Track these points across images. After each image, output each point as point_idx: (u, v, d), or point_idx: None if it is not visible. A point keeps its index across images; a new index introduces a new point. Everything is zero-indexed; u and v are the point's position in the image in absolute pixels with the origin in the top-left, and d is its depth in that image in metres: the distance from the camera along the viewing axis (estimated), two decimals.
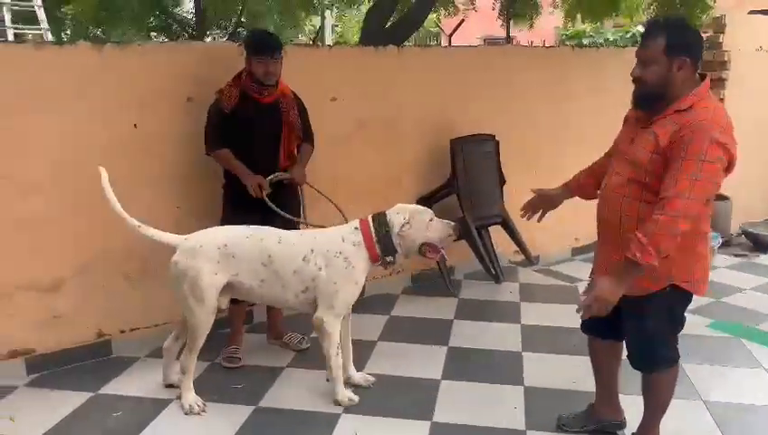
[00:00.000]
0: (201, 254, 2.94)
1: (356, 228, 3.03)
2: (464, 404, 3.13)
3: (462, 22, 9.07)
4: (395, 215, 3.01)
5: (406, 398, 3.20)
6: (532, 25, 8.00)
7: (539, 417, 3.02)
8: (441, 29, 13.51)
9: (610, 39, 13.94)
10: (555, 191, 2.89)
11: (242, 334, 3.69)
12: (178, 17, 10.22)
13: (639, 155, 2.35)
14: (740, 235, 6.09)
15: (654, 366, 2.55)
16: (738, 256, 5.71)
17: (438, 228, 3.04)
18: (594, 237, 2.68)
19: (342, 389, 3.12)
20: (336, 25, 17.66)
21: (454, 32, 9.96)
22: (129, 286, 3.68)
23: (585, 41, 13.82)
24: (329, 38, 13.11)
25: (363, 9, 8.63)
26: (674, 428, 2.95)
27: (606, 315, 2.34)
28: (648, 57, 2.31)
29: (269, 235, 3.04)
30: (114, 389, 3.30)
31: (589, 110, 5.35)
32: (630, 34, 12.87)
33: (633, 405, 2.82)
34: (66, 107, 3.36)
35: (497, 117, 4.98)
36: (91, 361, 3.56)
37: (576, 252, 5.71)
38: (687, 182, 2.17)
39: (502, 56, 5.25)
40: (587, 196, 2.81)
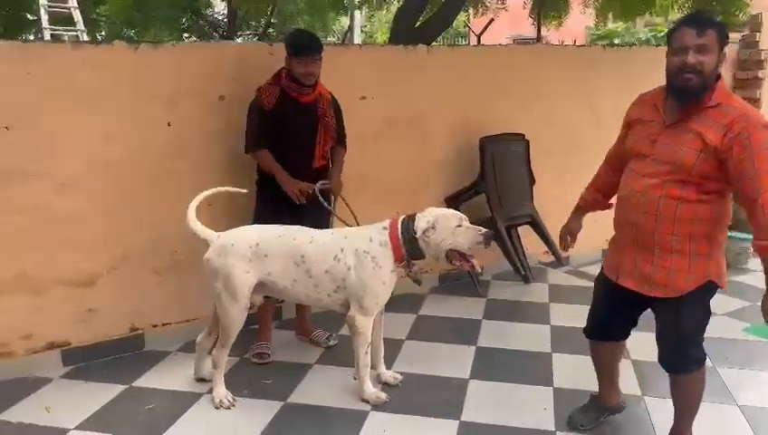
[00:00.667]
0: (233, 252, 2.98)
1: (384, 228, 3.03)
2: (492, 404, 3.12)
3: (491, 21, 9.01)
4: (421, 218, 2.97)
5: (434, 397, 3.20)
6: (561, 25, 7.93)
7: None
8: (470, 29, 13.46)
9: (642, 39, 13.74)
10: (575, 221, 2.92)
11: (271, 330, 3.73)
12: (210, 18, 10.37)
13: (683, 156, 2.28)
14: None
15: (688, 367, 2.53)
16: None
17: (466, 235, 2.94)
18: None
19: (369, 386, 3.13)
20: (364, 26, 17.71)
21: (483, 32, 9.90)
22: (161, 282, 3.74)
23: (616, 41, 13.65)
24: (357, 38, 13.16)
25: (392, 9, 8.65)
26: (708, 431, 2.91)
27: (620, 319, 2.51)
28: (706, 45, 2.22)
29: (301, 234, 3.06)
30: (147, 382, 3.36)
31: (620, 109, 5.16)
32: (663, 34, 12.67)
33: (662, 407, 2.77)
34: (101, 105, 3.43)
35: (526, 116, 4.95)
36: (125, 354, 3.64)
37: (606, 253, 5.62)
38: (764, 178, 2.16)
39: (531, 55, 5.21)
40: (602, 208, 2.86)
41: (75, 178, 3.42)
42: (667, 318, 2.48)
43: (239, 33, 10.24)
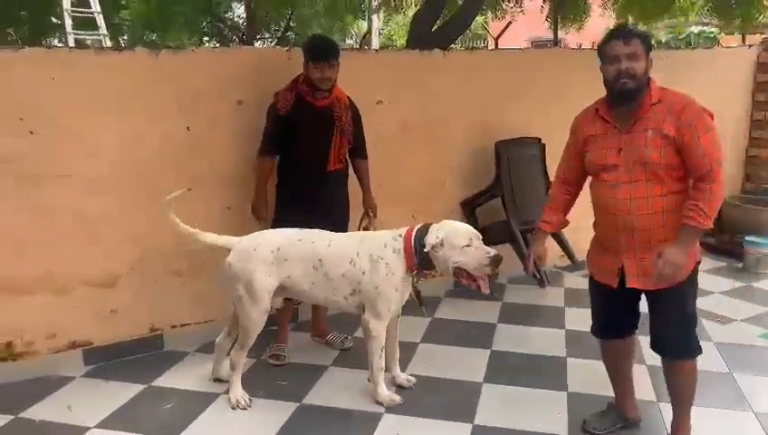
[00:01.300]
0: (255, 256, 3.03)
1: (400, 236, 3.05)
2: (505, 408, 3.13)
3: (509, 24, 9.01)
4: (432, 232, 2.96)
5: (447, 400, 3.22)
6: (580, 27, 7.89)
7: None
8: (488, 32, 13.43)
9: (663, 41, 13.62)
10: (540, 245, 2.95)
11: (288, 333, 3.78)
12: (229, 22, 10.48)
13: (649, 154, 2.47)
14: None
15: (693, 350, 2.66)
16: None
17: (474, 255, 2.92)
18: None
19: (383, 389, 3.16)
20: (383, 29, 17.77)
21: (500, 35, 9.89)
22: (181, 283, 3.81)
23: None
24: (375, 42, 13.20)
25: (410, 13, 8.68)
26: None
27: (624, 311, 2.69)
28: (634, 52, 2.47)
29: (320, 238, 3.11)
30: (166, 381, 3.42)
31: None
32: (684, 36, 12.55)
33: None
34: (123, 110, 3.51)
35: (543, 120, 4.94)
36: (144, 354, 3.70)
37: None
38: (714, 153, 2.43)
39: (548, 58, 5.21)
40: (563, 227, 2.95)
41: (99, 181, 3.49)
42: (673, 305, 2.60)
43: (258, 37, 10.35)
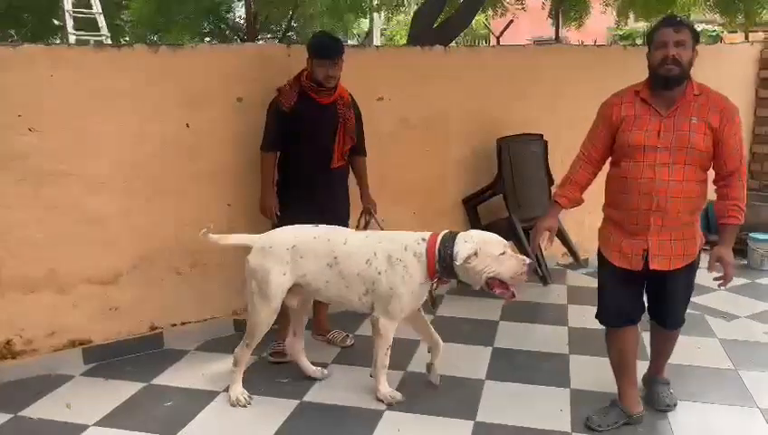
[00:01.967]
0: (271, 254, 3.00)
1: (423, 240, 2.96)
2: (508, 405, 3.10)
3: (510, 23, 8.98)
4: (462, 243, 2.84)
5: (449, 397, 3.19)
6: (581, 25, 7.86)
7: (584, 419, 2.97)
8: (490, 30, 13.41)
9: None
10: (554, 219, 2.92)
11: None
12: (231, 22, 10.46)
13: (696, 141, 2.60)
14: None
15: (683, 321, 2.93)
16: None
17: (509, 264, 2.84)
18: None
19: (385, 386, 3.13)
20: (385, 28, 17.75)
21: (502, 33, 9.87)
22: (181, 281, 3.79)
23: (639, 41, 13.48)
24: (377, 40, 13.18)
25: (411, 12, 8.66)
26: (727, 433, 2.87)
27: (638, 295, 2.82)
28: (683, 40, 2.58)
29: (336, 235, 3.06)
30: (166, 380, 3.40)
31: None
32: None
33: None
34: (124, 107, 3.49)
35: (545, 117, 4.92)
36: (144, 352, 3.68)
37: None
38: (743, 151, 2.67)
39: (549, 56, 5.18)
40: (577, 205, 2.95)
41: (100, 179, 3.48)
42: (680, 282, 2.78)
43: (260, 37, 10.33)
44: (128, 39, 10.64)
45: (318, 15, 9.01)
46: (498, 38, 10.24)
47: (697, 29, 2.70)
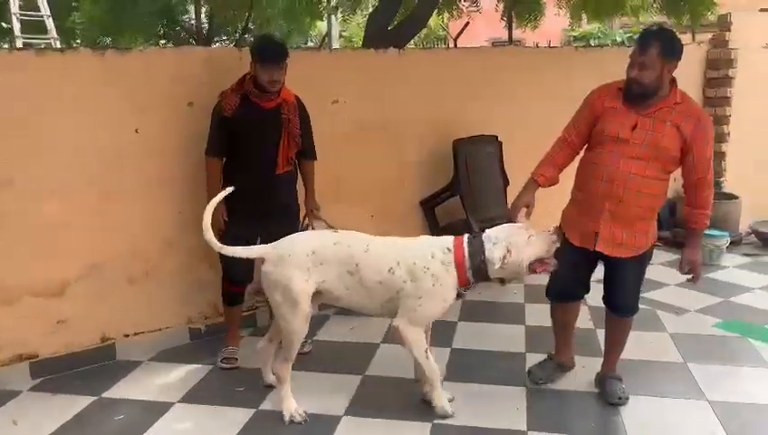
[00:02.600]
0: (290, 262, 2.91)
1: (449, 250, 2.89)
2: (466, 405, 3.11)
3: (467, 24, 9.02)
4: (491, 246, 2.83)
5: (408, 399, 3.18)
6: (536, 27, 7.97)
7: (541, 417, 3.02)
8: (448, 33, 13.50)
9: (618, 40, 13.88)
10: (531, 194, 3.09)
11: (239, 336, 3.72)
12: (186, 25, 10.29)
13: (666, 142, 2.80)
14: (749, 234, 6.00)
15: (635, 310, 3.12)
16: (747, 255, 5.63)
17: (539, 243, 2.86)
18: None
19: (441, 396, 3.04)
20: (344, 31, 17.71)
21: (459, 35, 9.93)
22: (133, 290, 3.70)
23: (593, 42, 13.77)
24: (336, 43, 13.14)
25: (368, 13, 8.65)
26: (676, 426, 2.95)
27: (586, 276, 3.09)
28: (646, 62, 2.76)
29: (356, 242, 2.97)
30: (117, 393, 3.31)
31: None
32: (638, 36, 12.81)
33: None
34: (70, 113, 3.39)
35: (500, 118, 4.97)
36: (95, 365, 3.58)
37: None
38: (712, 162, 2.86)
39: (504, 57, 5.25)
40: (553, 185, 3.13)
41: (47, 186, 3.37)
42: (629, 272, 3.00)
43: (216, 40, 10.18)
44: (79, 42, 10.37)
45: (274, 18, 8.93)
46: (455, 40, 10.30)
47: (674, 42, 2.81)
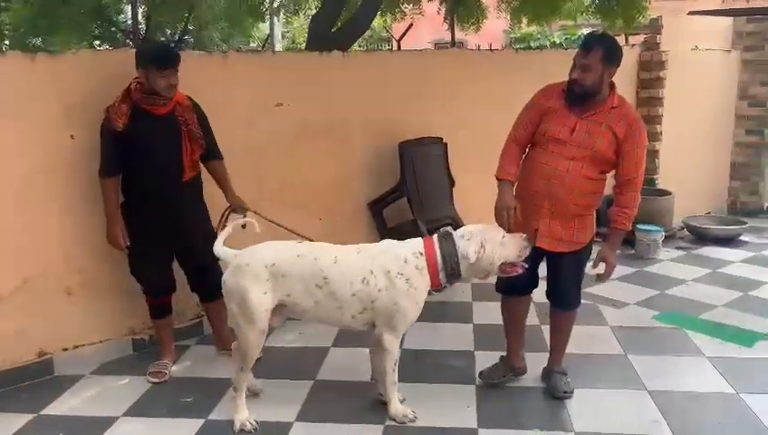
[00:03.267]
0: (248, 272, 2.82)
1: (421, 253, 2.89)
2: (417, 406, 3.11)
3: (410, 26, 9.10)
4: (465, 242, 2.87)
5: (357, 402, 3.18)
6: (478, 29, 8.09)
7: (491, 415, 3.07)
8: (391, 35, 13.57)
9: (557, 42, 14.25)
10: (511, 196, 3.08)
11: (172, 348, 3.63)
12: (123, 26, 9.99)
13: (600, 144, 2.93)
14: (682, 228, 6.27)
15: (576, 304, 3.23)
16: (680, 248, 5.88)
17: (513, 244, 2.91)
18: None
19: (397, 404, 3.04)
20: (287, 32, 17.56)
21: (402, 37, 9.99)
22: (71, 302, 3.56)
23: (533, 44, 14.08)
24: (279, 44, 13.03)
25: (310, 15, 8.61)
26: (619, 417, 3.04)
27: (531, 270, 3.06)
28: (588, 65, 2.87)
29: (323, 254, 2.90)
30: (57, 409, 3.18)
31: None
32: (576, 37, 13.17)
33: None
34: (1, 119, 3.24)
35: (444, 119, 5.02)
36: (33, 381, 3.43)
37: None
38: (642, 166, 2.97)
39: (446, 59, 5.30)
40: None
41: None
42: (569, 266, 3.11)
43: (153, 42, 9.92)
44: (8, 43, 9.93)
45: (214, 20, 8.78)
46: (399, 42, 10.36)
47: (615, 48, 2.94)
